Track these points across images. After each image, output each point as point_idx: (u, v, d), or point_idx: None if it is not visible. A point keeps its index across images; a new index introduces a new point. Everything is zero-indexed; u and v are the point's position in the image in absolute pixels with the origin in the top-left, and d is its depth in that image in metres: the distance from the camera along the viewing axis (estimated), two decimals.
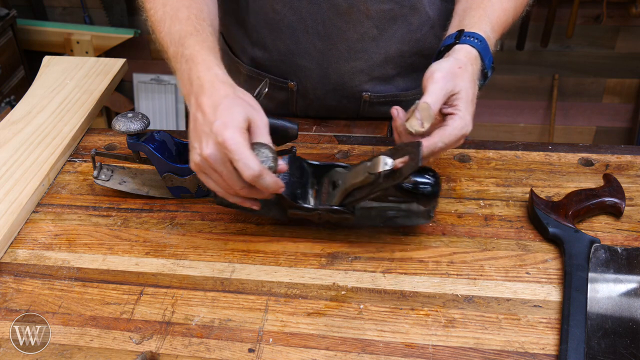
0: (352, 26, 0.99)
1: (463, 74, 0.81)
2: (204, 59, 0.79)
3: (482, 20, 0.87)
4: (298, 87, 1.08)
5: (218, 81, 0.77)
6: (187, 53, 0.80)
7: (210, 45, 0.82)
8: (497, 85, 2.64)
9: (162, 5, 0.88)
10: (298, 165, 0.84)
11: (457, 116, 0.79)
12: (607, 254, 0.80)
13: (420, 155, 0.72)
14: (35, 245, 0.86)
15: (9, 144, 1.00)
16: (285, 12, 1.00)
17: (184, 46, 0.81)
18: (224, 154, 0.72)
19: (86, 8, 2.67)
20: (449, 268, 0.80)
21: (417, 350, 0.71)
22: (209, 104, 0.74)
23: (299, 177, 0.83)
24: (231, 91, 0.76)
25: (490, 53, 0.86)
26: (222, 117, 0.72)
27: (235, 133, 0.71)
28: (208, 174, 0.76)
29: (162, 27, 0.86)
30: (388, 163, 0.74)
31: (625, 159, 0.98)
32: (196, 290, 0.79)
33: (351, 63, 1.03)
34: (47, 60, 1.21)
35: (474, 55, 0.84)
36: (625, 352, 0.68)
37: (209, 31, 0.84)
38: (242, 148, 0.71)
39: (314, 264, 0.82)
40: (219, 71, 0.78)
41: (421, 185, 0.78)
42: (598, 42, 2.51)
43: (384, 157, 0.75)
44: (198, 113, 0.75)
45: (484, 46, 0.85)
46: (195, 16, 0.85)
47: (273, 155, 0.74)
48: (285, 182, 0.78)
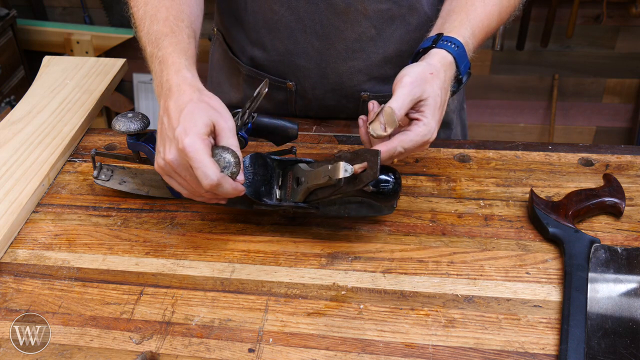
0: (350, 26, 0.99)
1: (433, 80, 0.81)
2: (174, 62, 0.80)
3: (462, 25, 0.87)
4: (297, 87, 1.08)
5: (185, 84, 0.78)
6: (160, 54, 0.81)
7: (184, 47, 0.82)
8: (497, 85, 2.64)
9: (144, 4, 0.88)
10: (261, 163, 0.85)
11: (422, 122, 0.80)
12: (607, 254, 0.80)
13: (378, 165, 0.73)
14: (35, 245, 0.86)
15: (9, 144, 1.00)
16: (283, 12, 1.00)
17: (158, 47, 0.82)
18: (185, 160, 0.73)
19: (86, 8, 2.67)
20: (449, 268, 0.80)
21: (417, 350, 0.71)
22: (174, 108, 0.76)
23: (263, 174, 0.84)
24: (196, 95, 0.77)
25: (467, 59, 0.86)
26: (184, 123, 0.73)
27: (196, 140, 0.72)
28: (172, 177, 0.78)
29: (142, 26, 0.87)
30: (348, 170, 0.75)
31: (625, 159, 0.98)
32: (196, 290, 0.79)
33: (349, 63, 1.03)
34: (47, 60, 1.21)
35: (449, 60, 0.84)
36: (625, 352, 0.68)
37: (186, 33, 0.85)
38: (200, 156, 0.72)
39: (314, 264, 0.82)
40: (187, 74, 0.79)
41: (382, 184, 0.78)
42: (598, 42, 2.51)
43: (344, 163, 0.76)
44: (164, 117, 0.77)
45: (460, 52, 0.85)
46: (174, 17, 0.85)
47: (235, 160, 0.75)
48: (249, 181, 0.80)
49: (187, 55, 0.82)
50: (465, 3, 0.90)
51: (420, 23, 1.01)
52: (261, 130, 0.88)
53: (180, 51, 0.81)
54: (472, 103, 2.67)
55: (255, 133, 0.88)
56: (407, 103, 0.79)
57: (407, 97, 0.78)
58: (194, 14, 0.90)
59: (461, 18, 0.88)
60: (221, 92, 1.20)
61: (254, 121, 0.87)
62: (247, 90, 1.13)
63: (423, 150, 0.81)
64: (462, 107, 1.24)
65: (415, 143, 0.79)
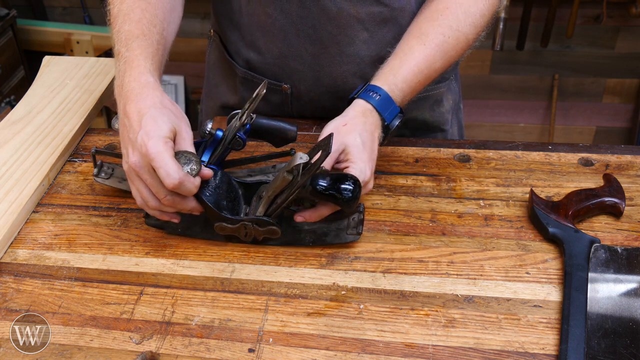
0: (342, 30, 0.99)
1: (349, 130, 0.84)
2: (139, 64, 0.80)
3: (392, 72, 0.90)
4: (292, 90, 1.08)
5: (148, 88, 0.78)
6: (127, 55, 0.82)
7: (151, 52, 0.83)
8: (497, 85, 2.64)
9: (120, 3, 0.89)
10: (226, 180, 0.85)
11: (351, 167, 0.82)
12: (607, 254, 0.80)
13: (331, 144, 0.75)
14: (35, 245, 0.86)
15: (9, 144, 1.00)
16: (277, 15, 1.00)
17: (126, 47, 0.83)
18: (147, 163, 0.74)
19: (86, 8, 2.67)
20: (449, 268, 0.80)
21: (417, 350, 0.71)
22: (134, 111, 0.76)
23: (226, 190, 0.84)
24: (158, 100, 0.77)
25: (393, 105, 0.89)
26: (147, 127, 0.74)
27: (159, 142, 0.73)
28: (134, 181, 0.78)
29: (115, 23, 0.88)
30: (303, 157, 0.76)
31: (625, 159, 0.98)
32: (196, 290, 0.79)
33: (343, 66, 1.03)
34: (47, 60, 1.21)
35: (368, 109, 0.87)
36: (625, 352, 0.68)
37: (156, 38, 0.85)
38: (164, 157, 0.73)
39: (314, 264, 0.82)
40: (150, 78, 0.80)
41: (341, 186, 0.78)
42: (598, 42, 2.51)
43: (300, 153, 0.77)
44: (125, 120, 0.78)
45: (381, 100, 0.88)
46: (147, 20, 0.86)
47: (195, 159, 0.76)
48: (210, 192, 0.80)
49: (153, 60, 0.82)
50: (404, 47, 0.92)
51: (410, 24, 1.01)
52: (260, 132, 0.88)
53: (147, 55, 0.82)
54: (472, 103, 2.67)
55: (254, 134, 0.88)
56: (330, 158, 0.82)
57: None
58: (167, 20, 0.90)
59: (393, 64, 0.91)
60: (218, 93, 1.20)
61: (252, 122, 0.87)
62: (243, 92, 1.13)
63: (367, 192, 0.85)
64: (458, 107, 1.24)
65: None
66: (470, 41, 0.96)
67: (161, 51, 0.86)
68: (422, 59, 0.91)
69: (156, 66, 0.83)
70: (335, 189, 0.77)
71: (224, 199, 0.82)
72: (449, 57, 0.94)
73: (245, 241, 0.84)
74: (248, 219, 0.81)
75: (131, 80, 0.79)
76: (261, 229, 0.82)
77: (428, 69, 0.92)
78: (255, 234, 0.83)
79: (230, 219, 0.81)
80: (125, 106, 0.78)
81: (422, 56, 0.91)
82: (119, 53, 0.84)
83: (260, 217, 0.81)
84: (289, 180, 0.78)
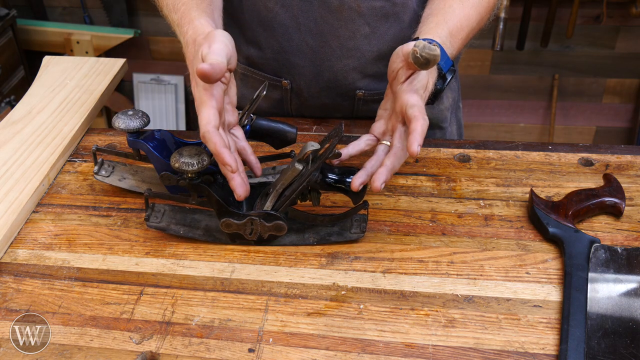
0: (343, 24, 1.00)
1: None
2: (201, 24, 0.83)
3: (439, 26, 0.90)
4: (292, 86, 1.08)
5: (201, 27, 0.82)
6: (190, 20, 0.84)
7: (209, 13, 0.86)
8: (497, 85, 2.65)
9: None
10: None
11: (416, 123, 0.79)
12: (607, 254, 0.80)
13: (341, 130, 0.78)
14: (35, 245, 0.86)
15: (9, 144, 1.00)
16: (278, 9, 1.00)
17: (188, 19, 0.85)
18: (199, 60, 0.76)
19: (86, 8, 2.67)
20: (449, 268, 0.80)
21: (417, 350, 0.71)
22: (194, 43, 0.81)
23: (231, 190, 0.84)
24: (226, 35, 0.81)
25: (446, 56, 0.88)
26: (207, 40, 0.78)
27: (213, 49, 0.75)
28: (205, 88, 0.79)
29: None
30: (314, 145, 0.77)
31: (625, 159, 0.98)
32: (196, 290, 0.79)
33: (344, 61, 1.03)
34: (47, 60, 1.21)
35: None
36: (625, 352, 0.68)
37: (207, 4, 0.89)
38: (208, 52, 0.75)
39: (314, 264, 0.82)
40: (203, 21, 0.83)
41: (348, 179, 0.80)
42: (598, 42, 2.51)
43: (310, 142, 0.78)
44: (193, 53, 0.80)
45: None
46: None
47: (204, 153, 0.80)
48: (217, 188, 0.82)
49: (213, 19, 0.86)
50: (443, 6, 0.93)
51: (412, 20, 1.02)
52: (259, 133, 0.88)
53: (207, 16, 0.85)
54: (471, 103, 2.67)
55: (253, 136, 0.88)
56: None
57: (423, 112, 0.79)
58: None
59: (437, 20, 0.91)
60: None
61: (252, 123, 0.87)
62: (242, 89, 1.13)
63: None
64: (457, 106, 1.24)
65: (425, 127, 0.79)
66: (494, 6, 0.99)
67: (217, 12, 0.90)
68: (462, 17, 0.92)
69: (218, 24, 0.87)
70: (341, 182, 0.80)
71: (230, 196, 0.83)
72: (481, 19, 0.96)
73: (250, 240, 0.84)
74: (256, 213, 0.81)
75: (188, 29, 0.82)
76: (268, 225, 0.82)
77: (467, 27, 0.93)
78: (261, 230, 0.83)
79: (237, 214, 0.81)
80: (189, 50, 0.81)
81: (462, 14, 0.92)
82: (180, 22, 0.86)
83: (268, 210, 0.81)
84: (299, 170, 0.78)
